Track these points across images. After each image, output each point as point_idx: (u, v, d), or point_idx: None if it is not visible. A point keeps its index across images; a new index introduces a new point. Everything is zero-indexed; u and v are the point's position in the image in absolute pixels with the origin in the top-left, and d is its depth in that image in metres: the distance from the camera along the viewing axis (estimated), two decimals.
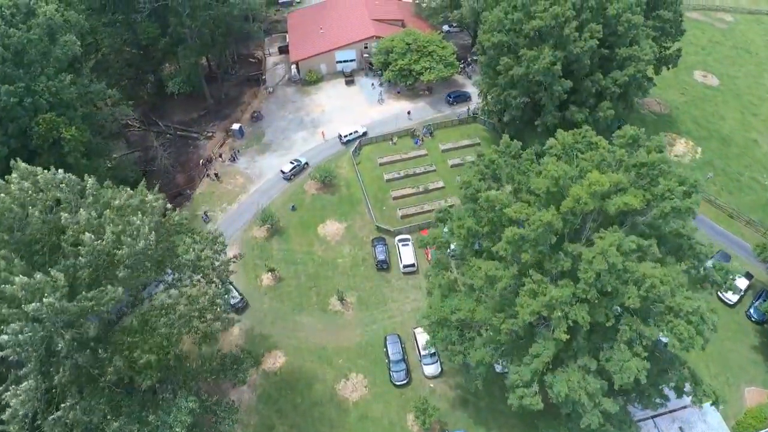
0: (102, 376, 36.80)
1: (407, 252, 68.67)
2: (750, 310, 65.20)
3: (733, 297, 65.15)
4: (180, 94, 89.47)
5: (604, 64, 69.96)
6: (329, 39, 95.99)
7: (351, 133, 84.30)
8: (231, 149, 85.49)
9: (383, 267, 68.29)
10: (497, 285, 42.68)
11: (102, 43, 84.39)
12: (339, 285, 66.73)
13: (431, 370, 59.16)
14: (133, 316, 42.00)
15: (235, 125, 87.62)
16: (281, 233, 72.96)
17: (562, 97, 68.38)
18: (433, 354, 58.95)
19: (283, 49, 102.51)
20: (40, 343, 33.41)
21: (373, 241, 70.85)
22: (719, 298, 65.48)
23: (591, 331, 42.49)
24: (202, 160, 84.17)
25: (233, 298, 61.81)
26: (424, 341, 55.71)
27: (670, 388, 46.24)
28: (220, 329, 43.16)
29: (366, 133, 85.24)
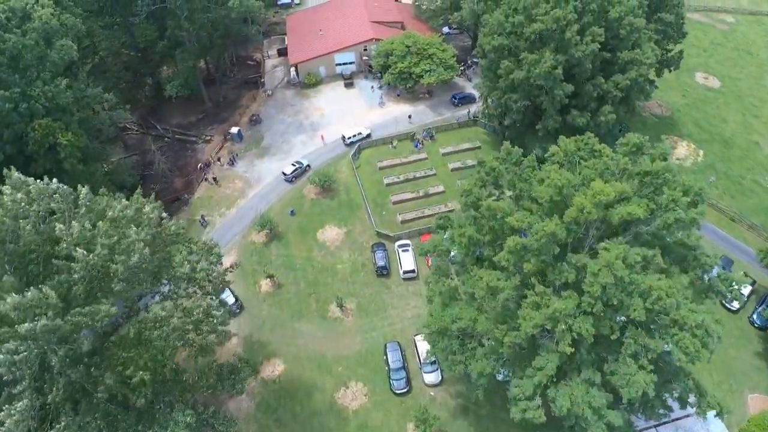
0: (96, 392, 36.22)
1: (407, 258, 67.96)
2: (753, 316, 64.72)
3: (736, 303, 64.63)
4: (178, 98, 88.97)
5: (606, 68, 69.32)
6: (328, 41, 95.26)
7: (355, 134, 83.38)
8: (229, 153, 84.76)
9: (383, 273, 67.60)
10: (499, 296, 42.06)
11: (99, 46, 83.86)
12: (338, 291, 66.11)
13: (432, 378, 58.58)
14: (129, 325, 41.45)
15: (234, 129, 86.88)
16: (280, 238, 72.29)
17: (563, 101, 67.65)
18: (433, 362, 58.21)
19: (282, 52, 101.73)
20: (35, 360, 32.86)
21: (372, 246, 70.14)
22: (722, 305, 64.90)
23: (595, 343, 41.88)
24: (201, 164, 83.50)
25: (229, 300, 61.00)
26: (425, 349, 55.04)
27: (674, 399, 45.73)
28: (215, 342, 42.53)
29: (370, 134, 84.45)
